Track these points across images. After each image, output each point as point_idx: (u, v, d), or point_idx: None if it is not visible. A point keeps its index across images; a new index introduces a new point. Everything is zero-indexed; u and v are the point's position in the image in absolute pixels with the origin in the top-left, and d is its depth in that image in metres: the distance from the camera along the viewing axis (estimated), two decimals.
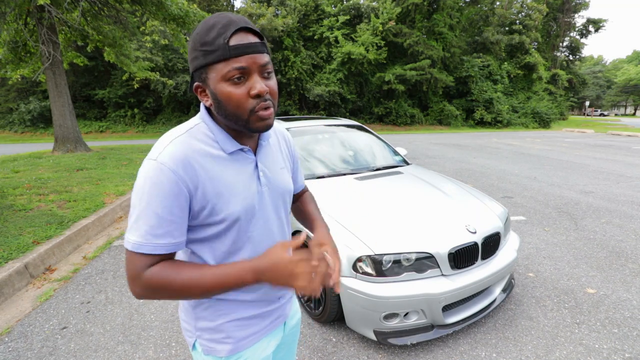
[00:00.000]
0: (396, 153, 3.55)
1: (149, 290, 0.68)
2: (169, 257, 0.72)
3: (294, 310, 1.03)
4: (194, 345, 0.85)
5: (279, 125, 0.98)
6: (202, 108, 0.78)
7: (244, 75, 0.67)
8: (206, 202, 0.71)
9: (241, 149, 0.78)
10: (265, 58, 0.69)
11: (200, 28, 0.68)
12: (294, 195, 1.07)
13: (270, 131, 0.90)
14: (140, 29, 12.92)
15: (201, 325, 0.82)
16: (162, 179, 0.66)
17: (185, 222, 0.71)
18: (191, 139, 0.72)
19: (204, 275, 0.67)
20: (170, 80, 13.68)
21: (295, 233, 2.25)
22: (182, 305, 0.87)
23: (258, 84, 0.68)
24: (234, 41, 0.65)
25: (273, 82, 0.73)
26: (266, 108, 0.71)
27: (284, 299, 0.93)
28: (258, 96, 0.69)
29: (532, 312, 2.32)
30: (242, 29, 0.67)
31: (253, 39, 0.68)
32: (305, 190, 1.11)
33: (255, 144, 0.83)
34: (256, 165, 0.81)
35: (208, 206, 0.71)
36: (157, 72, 13.33)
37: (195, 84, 0.72)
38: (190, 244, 0.78)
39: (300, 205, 1.07)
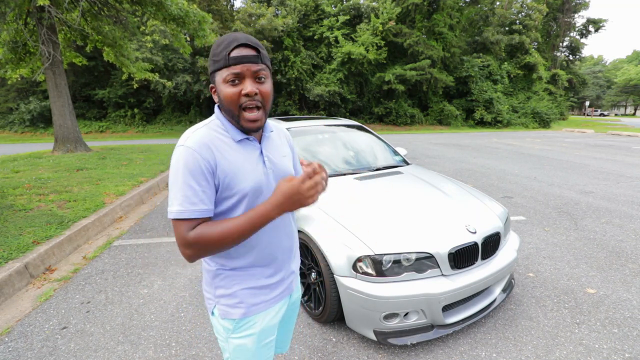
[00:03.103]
0: (396, 153, 3.55)
1: (197, 247, 0.83)
2: (206, 221, 0.88)
3: (297, 286, 1.19)
4: (212, 312, 1.02)
5: (279, 124, 1.17)
6: (216, 108, 0.98)
7: (239, 79, 0.87)
8: (223, 177, 0.88)
9: (247, 138, 0.95)
10: (258, 67, 0.88)
11: (214, 44, 0.90)
12: None
13: (272, 127, 1.07)
14: (141, 29, 12.91)
15: (219, 293, 0.99)
16: (190, 159, 0.85)
17: (213, 193, 0.88)
18: (209, 130, 0.92)
19: (237, 222, 0.83)
20: (170, 82, 13.66)
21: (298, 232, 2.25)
22: (205, 278, 1.04)
23: (249, 86, 0.87)
24: (234, 53, 0.86)
25: (265, 87, 0.90)
26: (254, 108, 0.89)
27: (287, 271, 1.07)
28: (247, 95, 0.87)
29: (532, 312, 2.32)
30: (242, 44, 0.86)
31: (249, 52, 0.87)
32: None
33: (259, 135, 1.00)
34: (261, 152, 0.98)
35: (225, 182, 0.89)
36: (157, 73, 13.30)
37: (211, 85, 0.94)
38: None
39: None
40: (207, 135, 0.90)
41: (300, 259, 1.19)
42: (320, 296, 2.12)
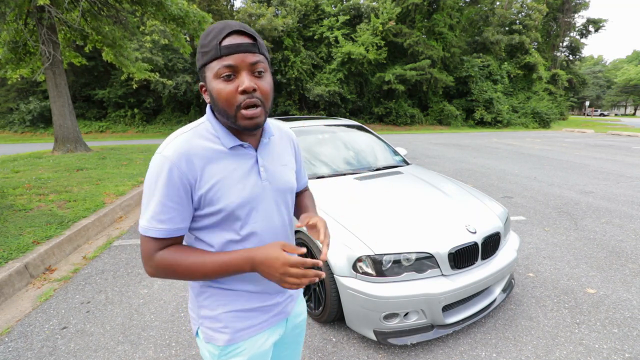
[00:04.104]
0: (396, 153, 3.55)
1: (159, 270, 0.77)
2: (177, 240, 0.80)
3: (299, 310, 1.04)
4: (197, 333, 0.91)
5: (284, 125, 1.02)
6: (207, 109, 0.84)
7: (233, 72, 0.73)
8: (205, 192, 0.77)
9: (241, 145, 0.82)
10: (255, 57, 0.74)
11: (203, 34, 0.76)
12: (296, 193, 1.09)
13: (274, 130, 0.93)
14: (140, 29, 12.91)
15: (203, 314, 0.88)
16: (165, 170, 0.74)
17: (188, 210, 0.78)
18: (194, 136, 0.79)
19: (206, 261, 0.75)
20: (170, 81, 13.67)
21: (296, 232, 2.25)
22: (189, 294, 0.93)
23: (246, 81, 0.72)
24: (226, 42, 0.71)
25: (265, 82, 0.76)
26: (253, 106, 0.75)
27: (284, 295, 0.95)
28: (245, 92, 0.73)
29: (532, 312, 2.32)
30: (236, 31, 0.72)
31: (244, 40, 0.73)
32: (306, 189, 1.14)
33: (257, 141, 0.86)
34: (256, 161, 0.85)
35: (207, 196, 0.77)
36: (157, 73, 13.29)
37: (200, 83, 0.81)
38: (193, 231, 0.84)
39: (297, 200, 1.10)
40: (191, 142, 0.77)
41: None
42: (320, 296, 2.12)
